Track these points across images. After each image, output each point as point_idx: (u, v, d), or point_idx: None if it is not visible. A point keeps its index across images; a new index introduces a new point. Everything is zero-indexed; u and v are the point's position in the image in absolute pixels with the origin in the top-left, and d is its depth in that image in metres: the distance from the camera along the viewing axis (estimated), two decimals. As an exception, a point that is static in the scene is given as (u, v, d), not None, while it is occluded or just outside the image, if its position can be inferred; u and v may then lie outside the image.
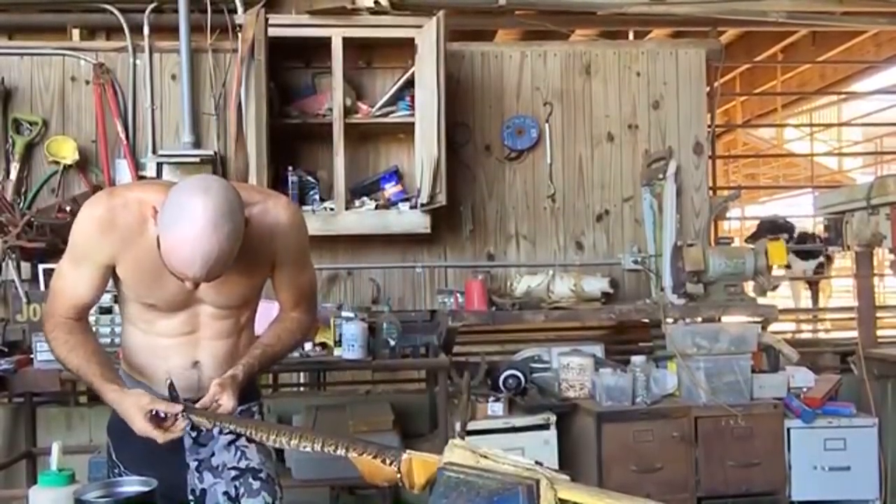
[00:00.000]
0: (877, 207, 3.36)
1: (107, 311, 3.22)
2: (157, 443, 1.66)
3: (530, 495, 1.10)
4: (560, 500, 1.10)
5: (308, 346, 3.41)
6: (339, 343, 3.35)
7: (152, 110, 3.91)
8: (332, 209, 3.75)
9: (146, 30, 3.87)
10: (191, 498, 1.87)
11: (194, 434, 1.83)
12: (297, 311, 1.97)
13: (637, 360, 3.49)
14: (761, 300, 3.87)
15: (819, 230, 6.31)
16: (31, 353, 3.23)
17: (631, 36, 5.03)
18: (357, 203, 3.83)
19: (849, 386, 3.74)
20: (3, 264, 3.55)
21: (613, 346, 4.18)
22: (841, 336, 5.16)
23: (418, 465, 1.30)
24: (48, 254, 3.54)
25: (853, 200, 3.50)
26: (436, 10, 3.62)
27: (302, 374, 4.43)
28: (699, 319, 3.79)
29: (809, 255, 6.35)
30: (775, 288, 3.92)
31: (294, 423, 3.56)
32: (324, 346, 3.45)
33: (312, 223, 3.46)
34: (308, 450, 1.47)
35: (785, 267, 4.10)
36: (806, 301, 6.92)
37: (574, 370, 3.52)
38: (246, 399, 1.87)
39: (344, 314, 3.41)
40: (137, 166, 3.82)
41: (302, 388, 4.44)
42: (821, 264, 6.46)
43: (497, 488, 1.11)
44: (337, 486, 3.57)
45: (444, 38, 3.55)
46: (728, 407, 3.33)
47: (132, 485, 1.57)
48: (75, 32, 4.01)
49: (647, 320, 3.99)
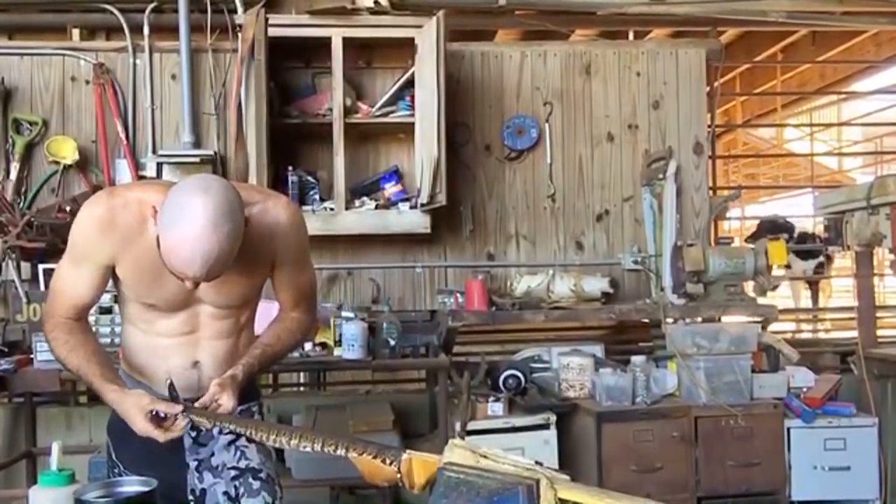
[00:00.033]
0: (877, 207, 3.36)
1: (107, 311, 3.22)
2: (157, 443, 1.66)
3: (530, 495, 1.10)
4: (560, 500, 1.10)
5: (308, 346, 3.41)
6: (339, 343, 3.35)
7: (152, 110, 3.91)
8: (332, 209, 3.75)
9: (146, 30, 3.87)
10: (191, 498, 1.87)
11: (194, 434, 1.83)
12: (297, 311, 1.97)
13: (637, 360, 3.50)
14: (761, 300, 3.87)
15: (819, 230, 6.31)
16: (31, 353, 3.23)
17: (631, 36, 5.03)
18: (357, 203, 3.83)
19: (849, 386, 3.74)
20: (3, 264, 3.55)
21: (613, 346, 4.18)
22: (841, 336, 5.16)
23: (418, 465, 1.30)
24: (48, 254, 3.55)
25: (853, 200, 3.51)
26: (436, 10, 3.62)
27: (302, 374, 4.43)
28: (699, 319, 3.79)
29: (809, 255, 6.34)
30: (775, 288, 3.92)
31: (294, 423, 3.56)
32: (324, 346, 3.45)
33: (312, 223, 3.46)
34: (308, 450, 1.47)
35: (785, 267, 4.10)
36: (806, 301, 6.91)
37: (574, 370, 3.52)
38: (246, 399, 1.87)
39: (344, 314, 3.41)
40: (137, 166, 3.82)
41: (302, 388, 4.44)
42: (821, 264, 6.45)
43: (497, 488, 1.11)
44: (337, 486, 3.57)
45: (444, 38, 3.55)
46: (728, 407, 3.33)
47: (132, 485, 1.57)
48: (75, 32, 4.01)
49: (647, 320, 3.99)
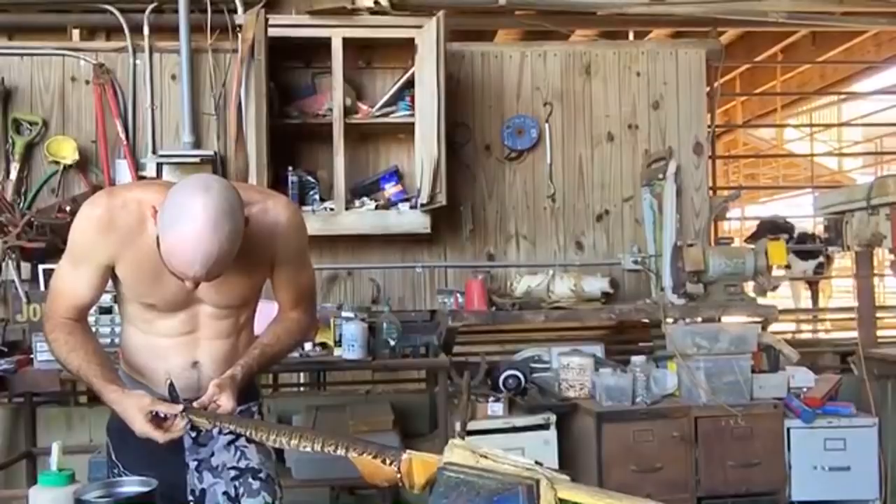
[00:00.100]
0: (877, 207, 3.36)
1: (107, 311, 3.22)
2: (156, 443, 1.66)
3: (530, 495, 1.10)
4: (560, 500, 1.10)
5: (308, 346, 3.41)
6: (339, 343, 3.35)
7: (152, 110, 3.91)
8: (332, 209, 3.75)
9: (146, 30, 3.87)
10: (190, 498, 1.87)
11: (194, 434, 1.83)
12: (297, 312, 1.97)
13: (637, 360, 3.50)
14: (761, 300, 3.87)
15: (819, 230, 6.31)
16: (31, 353, 3.23)
17: (631, 36, 5.02)
18: (357, 203, 3.83)
19: (849, 386, 3.74)
20: (3, 264, 3.55)
21: (613, 346, 4.18)
22: (841, 336, 5.15)
23: (418, 465, 1.30)
24: (48, 254, 3.55)
25: (853, 200, 3.50)
26: (436, 10, 3.62)
27: (302, 374, 4.43)
28: (699, 319, 3.79)
29: (809, 255, 6.35)
30: (775, 288, 3.92)
31: (294, 423, 3.55)
32: (324, 346, 3.45)
33: (312, 223, 3.47)
34: (308, 450, 1.47)
35: (785, 267, 4.10)
36: (806, 301, 6.92)
37: (574, 370, 3.52)
38: (246, 399, 1.87)
39: (344, 314, 3.41)
40: (137, 166, 3.81)
41: (302, 388, 4.44)
42: (821, 264, 6.46)
43: (497, 488, 1.11)
44: (337, 486, 3.57)
45: (444, 38, 3.55)
46: (728, 407, 3.33)
47: (132, 485, 1.57)
48: (75, 32, 4.01)
49: (647, 320, 3.99)
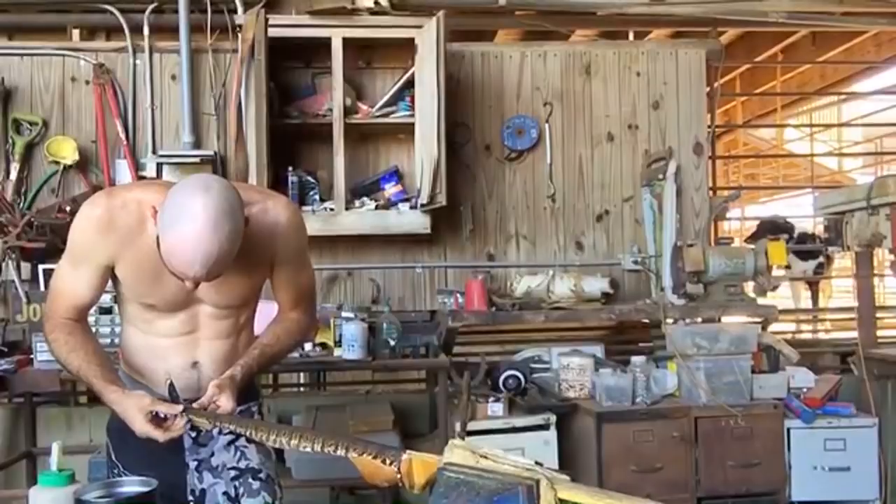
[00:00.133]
0: (877, 208, 3.36)
1: (107, 311, 3.22)
2: (156, 443, 1.66)
3: (530, 495, 1.10)
4: (560, 500, 1.10)
5: (308, 347, 3.41)
6: (339, 343, 3.35)
7: (152, 110, 3.91)
8: (332, 209, 3.75)
9: (146, 30, 3.87)
10: (190, 498, 1.87)
11: (194, 434, 1.83)
12: (297, 312, 1.97)
13: (637, 360, 3.50)
14: (761, 300, 3.87)
15: (819, 230, 6.31)
16: (31, 353, 3.23)
17: (631, 36, 5.03)
18: (357, 203, 3.83)
19: (849, 386, 3.74)
20: (3, 264, 3.55)
21: (613, 346, 4.18)
22: (841, 336, 5.15)
23: (418, 465, 1.30)
24: (48, 254, 3.55)
25: (853, 201, 3.50)
26: (436, 10, 3.62)
27: (302, 374, 4.43)
28: (699, 320, 3.78)
29: (809, 255, 6.34)
30: (775, 288, 3.91)
31: (294, 423, 3.55)
32: (324, 346, 3.45)
33: (312, 223, 3.47)
34: (308, 450, 1.47)
35: (785, 267, 4.09)
36: (806, 301, 6.91)
37: (574, 370, 3.52)
38: (245, 399, 1.87)
39: (344, 314, 3.41)
40: (137, 166, 3.81)
41: (302, 388, 4.44)
42: (821, 264, 6.46)
43: (497, 488, 1.11)
44: (337, 486, 3.57)
45: (444, 38, 3.55)
46: (728, 407, 3.33)
47: (132, 485, 1.57)
48: (75, 32, 4.01)
49: (647, 320, 3.99)
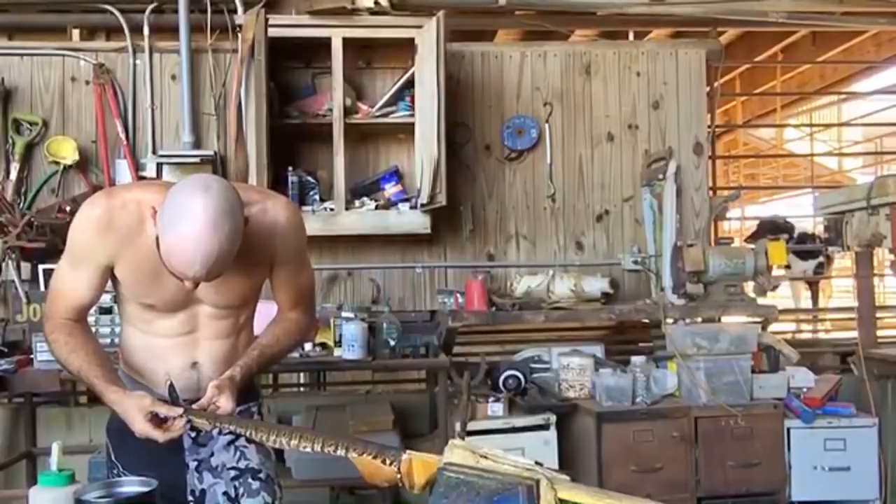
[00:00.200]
0: (877, 207, 3.36)
1: (107, 311, 3.22)
2: (156, 443, 1.66)
3: (530, 495, 1.10)
4: (560, 500, 1.10)
5: (308, 347, 3.41)
6: (339, 343, 3.35)
7: (152, 110, 3.91)
8: (332, 209, 3.75)
9: (146, 30, 3.87)
10: (190, 498, 1.87)
11: (193, 434, 1.83)
12: (296, 312, 1.97)
13: (637, 360, 3.50)
14: (761, 300, 3.87)
15: (819, 230, 6.32)
16: (31, 353, 3.23)
17: (631, 36, 5.03)
18: (357, 203, 3.83)
19: (849, 386, 3.74)
20: (3, 264, 3.55)
21: (613, 346, 4.18)
22: (841, 336, 5.15)
23: (418, 465, 1.30)
24: (48, 254, 3.55)
25: (853, 200, 3.50)
26: (436, 10, 3.62)
27: (302, 374, 4.43)
28: (699, 319, 3.78)
29: (809, 255, 6.35)
30: (775, 288, 3.92)
31: (294, 423, 3.55)
32: (324, 346, 3.45)
33: (312, 223, 3.47)
34: (308, 450, 1.47)
35: (785, 267, 4.10)
36: (806, 301, 6.92)
37: (574, 370, 3.51)
38: (245, 399, 1.87)
39: (344, 314, 3.41)
40: (137, 166, 3.81)
41: (302, 388, 4.44)
42: (821, 264, 6.46)
43: (497, 488, 1.11)
44: (337, 486, 3.57)
45: (444, 38, 3.55)
46: (728, 407, 3.33)
47: (132, 485, 1.57)
48: (75, 32, 4.01)
49: (647, 320, 3.98)
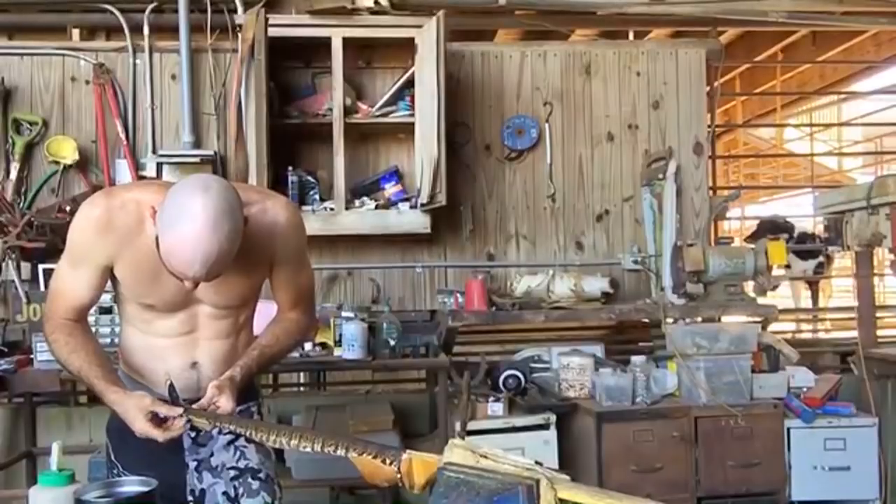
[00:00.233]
0: (877, 207, 3.36)
1: (107, 311, 3.22)
2: (156, 443, 1.66)
3: (530, 495, 1.10)
4: (560, 500, 1.10)
5: (308, 346, 3.41)
6: (339, 343, 3.35)
7: (152, 110, 3.91)
8: (332, 209, 3.75)
9: (146, 30, 3.87)
10: (190, 498, 1.87)
11: (193, 434, 1.83)
12: (296, 312, 1.97)
13: (637, 360, 3.50)
14: (761, 300, 3.87)
15: (819, 230, 6.32)
16: (31, 353, 3.23)
17: (631, 36, 5.02)
18: (357, 203, 3.83)
19: (849, 386, 3.74)
20: (3, 264, 3.55)
21: (613, 346, 4.18)
22: (841, 336, 5.15)
23: (418, 465, 1.30)
24: (48, 254, 3.55)
25: (853, 200, 3.50)
26: (436, 10, 3.62)
27: (302, 374, 4.43)
28: (699, 319, 3.78)
29: (809, 255, 6.35)
30: (775, 288, 3.92)
31: (294, 423, 3.55)
32: (324, 346, 3.45)
33: (312, 223, 3.47)
34: (308, 450, 1.47)
35: (785, 267, 4.10)
36: (806, 301, 6.92)
37: (574, 370, 3.52)
38: (245, 399, 1.87)
39: (344, 314, 3.41)
40: (137, 166, 3.81)
41: (302, 388, 4.44)
42: (821, 264, 6.46)
43: (497, 488, 1.11)
44: (337, 486, 3.57)
45: (444, 38, 3.55)
46: (728, 407, 3.33)
47: (132, 485, 1.57)
48: (75, 32, 4.01)
49: (647, 320, 3.98)
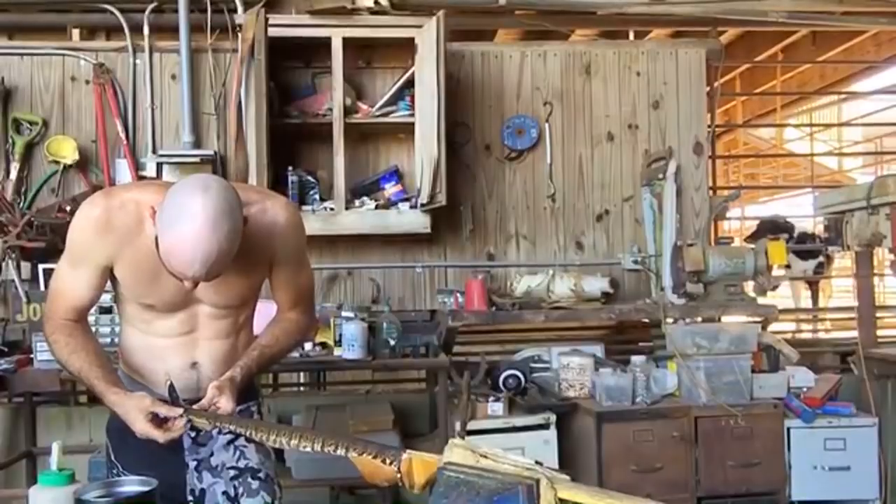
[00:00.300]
0: (877, 207, 3.36)
1: (107, 311, 3.21)
2: (156, 443, 1.66)
3: (530, 495, 1.10)
4: (560, 500, 1.10)
5: (308, 346, 3.41)
6: (339, 343, 3.35)
7: (152, 110, 3.91)
8: (332, 209, 3.75)
9: (146, 30, 3.87)
10: (190, 498, 1.87)
11: (193, 434, 1.83)
12: (295, 312, 1.97)
13: (637, 360, 3.50)
14: (761, 300, 3.87)
15: (819, 230, 6.32)
16: (31, 353, 3.23)
17: (631, 36, 5.03)
18: (357, 203, 3.83)
19: (849, 386, 3.74)
20: (3, 264, 3.55)
21: (613, 346, 4.18)
22: (841, 336, 5.16)
23: (418, 465, 1.30)
24: (48, 254, 3.55)
25: (853, 200, 3.50)
26: (436, 10, 3.62)
27: (302, 374, 4.43)
28: (699, 319, 3.78)
29: (809, 255, 6.35)
30: (775, 288, 3.91)
31: (294, 423, 3.55)
32: (324, 346, 3.45)
33: (312, 223, 3.47)
34: (308, 450, 1.47)
35: (785, 267, 4.10)
36: (806, 301, 6.92)
37: (574, 370, 3.52)
38: (245, 399, 1.87)
39: (344, 314, 3.41)
40: (137, 166, 3.82)
41: (302, 388, 4.44)
42: (821, 264, 6.46)
43: (497, 488, 1.11)
44: (337, 486, 3.57)
45: (444, 38, 3.55)
46: (728, 407, 3.33)
47: (132, 485, 1.56)
48: (75, 32, 4.02)
49: (647, 320, 3.98)
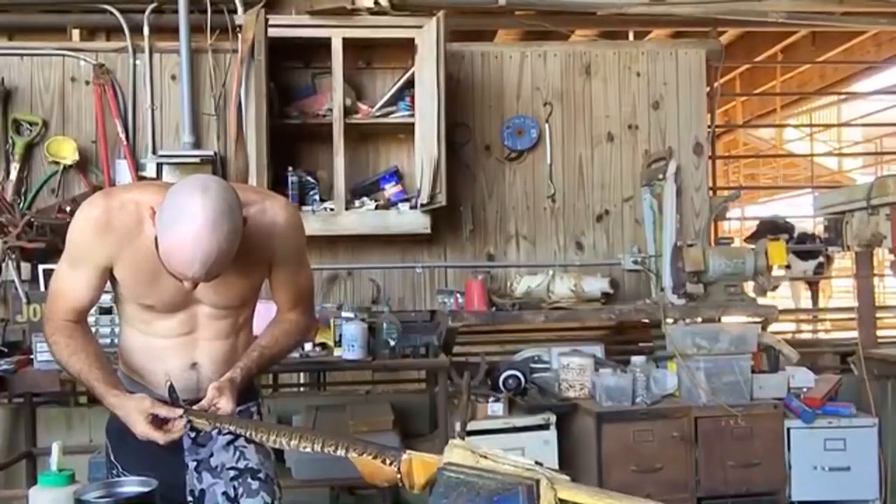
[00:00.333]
0: (877, 207, 3.36)
1: (107, 311, 3.21)
2: (155, 444, 1.66)
3: (530, 495, 1.10)
4: (560, 500, 1.10)
5: (308, 347, 3.41)
6: (339, 343, 3.35)
7: (152, 110, 3.91)
8: (332, 209, 3.75)
9: (146, 30, 3.87)
10: (190, 498, 1.87)
11: (193, 435, 1.83)
12: (295, 313, 1.97)
13: (637, 360, 3.50)
14: (761, 300, 3.87)
15: (819, 230, 6.32)
16: (31, 353, 3.23)
17: (631, 36, 5.03)
18: (357, 203, 3.83)
19: (849, 386, 3.74)
20: (3, 264, 3.55)
21: (613, 346, 4.18)
22: (841, 336, 5.15)
23: (418, 465, 1.30)
24: (48, 254, 3.54)
25: (853, 200, 3.50)
26: (436, 10, 3.63)
27: (302, 374, 4.43)
28: (699, 319, 3.78)
29: (809, 255, 6.35)
30: (775, 288, 3.91)
31: (294, 423, 3.55)
32: (324, 346, 3.45)
33: (312, 223, 3.47)
34: (308, 450, 1.47)
35: (785, 267, 4.10)
36: (806, 301, 6.92)
37: (574, 370, 3.51)
38: (245, 399, 1.87)
39: (344, 314, 3.41)
40: (137, 166, 3.81)
41: (302, 388, 4.44)
42: (821, 264, 6.46)
43: (497, 488, 1.11)
44: (337, 486, 3.57)
45: (444, 38, 3.55)
46: (728, 407, 3.33)
47: (132, 485, 1.56)
48: (75, 33, 4.02)
49: (647, 320, 3.98)
